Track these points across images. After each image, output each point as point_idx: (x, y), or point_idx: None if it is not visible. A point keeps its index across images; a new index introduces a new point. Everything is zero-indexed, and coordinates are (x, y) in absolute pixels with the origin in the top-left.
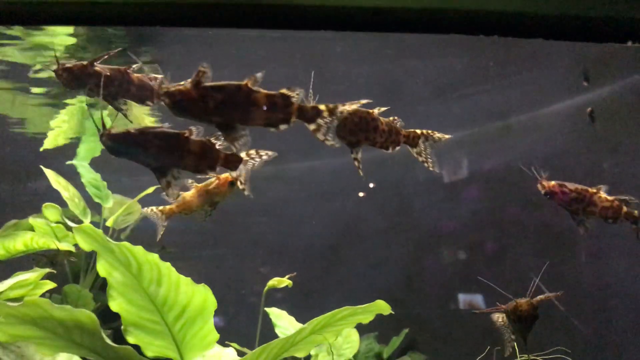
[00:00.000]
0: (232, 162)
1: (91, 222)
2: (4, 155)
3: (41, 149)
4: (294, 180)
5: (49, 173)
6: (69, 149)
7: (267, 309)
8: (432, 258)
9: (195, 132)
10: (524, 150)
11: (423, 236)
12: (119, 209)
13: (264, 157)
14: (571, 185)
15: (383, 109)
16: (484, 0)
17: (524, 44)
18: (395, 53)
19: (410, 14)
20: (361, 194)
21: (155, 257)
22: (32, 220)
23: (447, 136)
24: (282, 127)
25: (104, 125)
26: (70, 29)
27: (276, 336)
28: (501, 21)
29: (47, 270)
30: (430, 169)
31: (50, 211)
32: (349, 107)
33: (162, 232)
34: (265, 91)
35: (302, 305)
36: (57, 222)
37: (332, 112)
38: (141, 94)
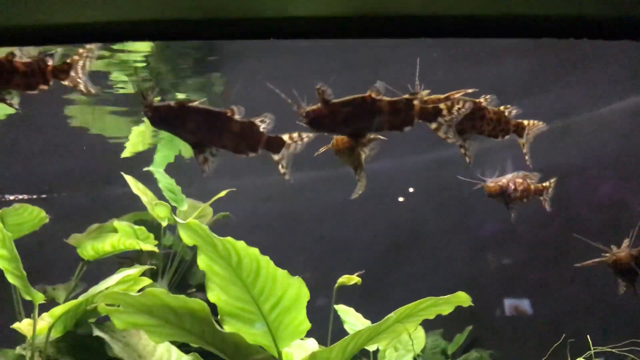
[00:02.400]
0: (275, 144)
1: (169, 225)
2: (82, 164)
3: (122, 156)
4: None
5: (129, 179)
6: (139, 160)
7: (335, 306)
8: (494, 258)
9: (237, 111)
10: (585, 149)
11: (485, 236)
12: (193, 212)
13: (306, 140)
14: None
15: (488, 97)
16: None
17: (585, 44)
18: (457, 58)
19: (490, 20)
20: (401, 199)
21: (255, 251)
22: (116, 223)
23: (544, 127)
24: (406, 129)
25: (145, 96)
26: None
27: (343, 332)
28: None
29: (148, 266)
30: (528, 163)
31: (161, 208)
32: (457, 95)
33: None
34: (388, 98)
35: (367, 304)
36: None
37: (450, 109)
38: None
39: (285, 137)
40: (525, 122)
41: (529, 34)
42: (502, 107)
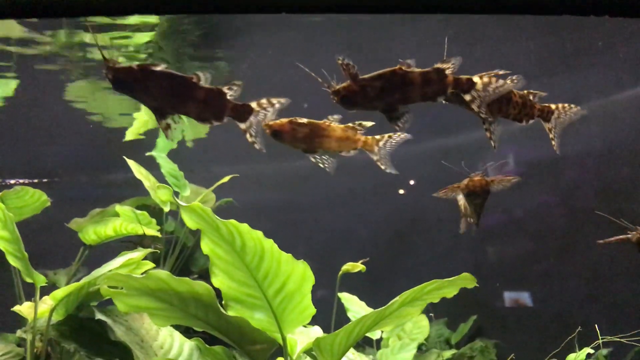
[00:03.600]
0: (241, 113)
1: (171, 210)
2: (82, 148)
3: (124, 140)
4: (358, 171)
5: (132, 164)
6: (140, 145)
7: (339, 294)
8: (500, 247)
9: (203, 78)
10: (595, 136)
11: (491, 225)
12: (196, 197)
13: (277, 106)
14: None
15: (515, 77)
16: None
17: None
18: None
19: None
20: (401, 191)
21: (259, 234)
22: (118, 207)
23: (581, 111)
24: (440, 99)
25: (106, 58)
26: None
27: (347, 320)
28: None
29: (150, 250)
30: (555, 149)
31: (163, 191)
32: (487, 78)
33: None
34: (419, 69)
35: (370, 292)
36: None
37: (486, 86)
38: None
39: (254, 104)
40: (554, 106)
41: (548, 11)
42: (526, 91)
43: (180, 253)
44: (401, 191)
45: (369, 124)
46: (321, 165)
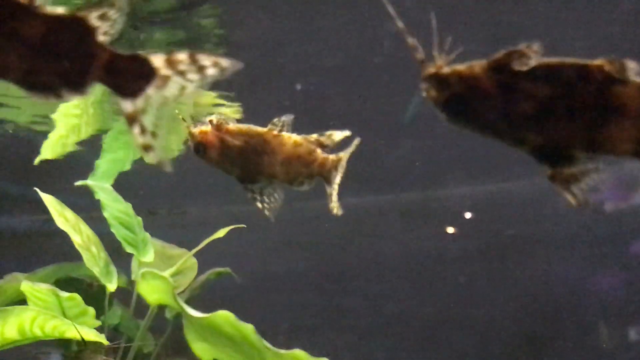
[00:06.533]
0: (126, 71)
1: (118, 289)
2: None
3: (36, 162)
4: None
5: (50, 202)
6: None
7: None
8: None
9: None
10: None
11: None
12: (164, 265)
13: (211, 72)
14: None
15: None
16: None
17: None
18: None
19: None
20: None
21: None
22: (26, 284)
23: None
24: None
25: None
26: None
27: None
28: None
29: None
30: None
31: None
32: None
33: None
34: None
35: None
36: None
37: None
38: None
39: (158, 59)
40: None
41: None
42: None
43: None
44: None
45: (339, 135)
46: (259, 205)
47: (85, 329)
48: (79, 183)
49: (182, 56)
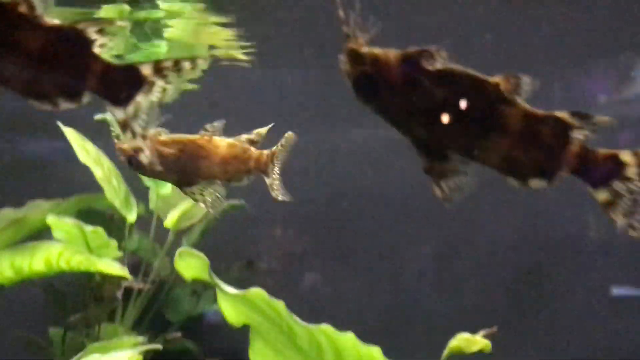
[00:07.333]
0: (115, 83)
1: (137, 219)
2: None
3: None
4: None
5: (70, 134)
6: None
7: None
8: None
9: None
10: None
11: None
12: (180, 197)
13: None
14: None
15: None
16: None
17: None
18: None
19: None
20: None
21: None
22: (52, 219)
23: None
24: None
25: None
26: None
27: None
28: None
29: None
30: None
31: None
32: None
33: None
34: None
35: None
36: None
37: None
38: None
39: (147, 68)
40: None
41: None
42: None
43: (153, 296)
44: None
45: (264, 129)
46: (202, 205)
47: (108, 262)
48: (99, 117)
49: (167, 63)
